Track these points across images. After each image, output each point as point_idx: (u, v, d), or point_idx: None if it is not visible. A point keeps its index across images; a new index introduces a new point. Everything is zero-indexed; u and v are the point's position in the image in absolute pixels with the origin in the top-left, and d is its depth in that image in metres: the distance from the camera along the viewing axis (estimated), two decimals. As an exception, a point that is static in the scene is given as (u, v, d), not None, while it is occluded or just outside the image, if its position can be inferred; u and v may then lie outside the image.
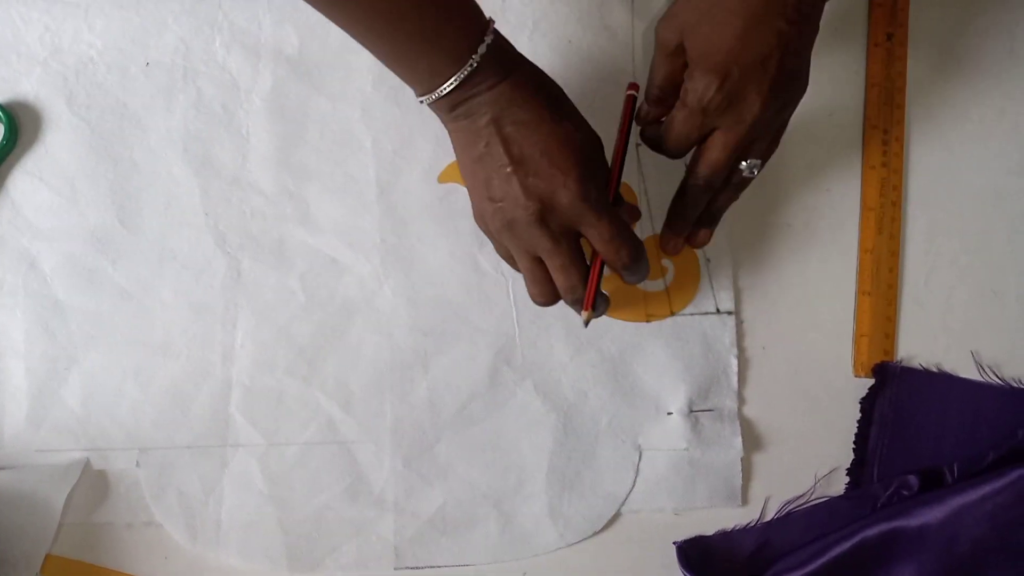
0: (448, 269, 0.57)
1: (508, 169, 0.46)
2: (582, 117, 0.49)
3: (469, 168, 0.48)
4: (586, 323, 0.49)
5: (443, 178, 0.57)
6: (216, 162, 0.57)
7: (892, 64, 0.58)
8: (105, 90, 0.57)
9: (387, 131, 0.57)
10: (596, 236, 0.47)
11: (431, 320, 0.56)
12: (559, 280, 0.49)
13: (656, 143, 0.51)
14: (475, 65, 0.45)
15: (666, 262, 0.57)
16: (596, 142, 0.49)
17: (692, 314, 0.57)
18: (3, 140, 0.56)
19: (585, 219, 0.47)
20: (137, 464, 0.55)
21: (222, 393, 0.56)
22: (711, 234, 0.54)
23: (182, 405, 0.55)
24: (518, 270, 0.51)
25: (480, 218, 0.50)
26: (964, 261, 0.58)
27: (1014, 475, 0.51)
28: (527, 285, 0.50)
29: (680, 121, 0.48)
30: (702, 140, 0.49)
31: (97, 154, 0.57)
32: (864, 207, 0.58)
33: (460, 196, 0.57)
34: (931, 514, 0.52)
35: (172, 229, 0.57)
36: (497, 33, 0.46)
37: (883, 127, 0.58)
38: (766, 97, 0.46)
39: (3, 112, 0.56)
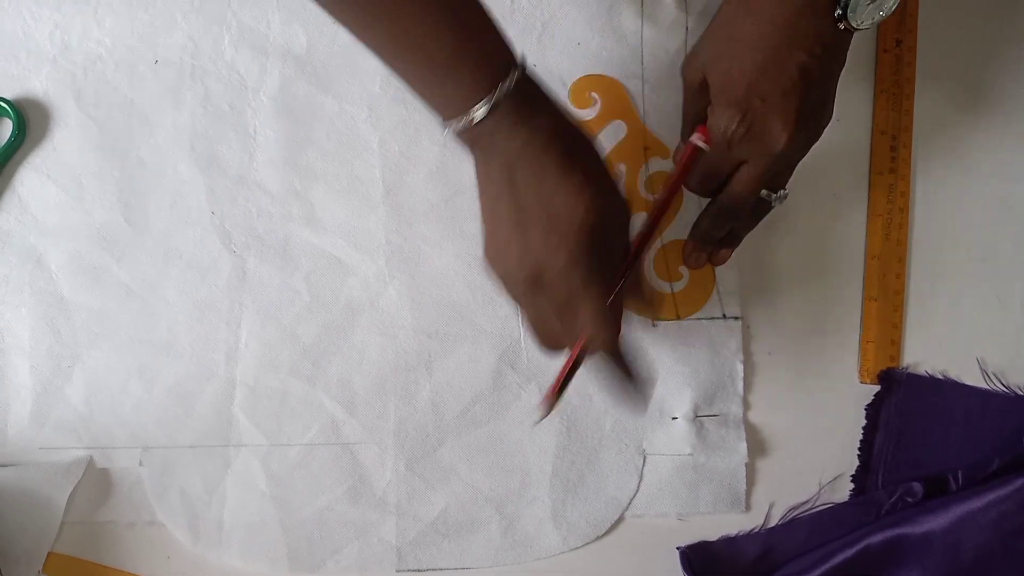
0: (453, 271, 0.57)
1: (513, 219, 0.43)
2: (605, 175, 0.44)
3: (484, 203, 0.46)
4: (540, 419, 0.46)
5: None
6: (223, 161, 0.57)
7: (901, 70, 0.58)
8: (113, 88, 0.57)
9: (394, 132, 0.57)
10: (579, 312, 0.43)
11: (436, 322, 0.56)
12: (538, 337, 0.46)
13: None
14: (492, 104, 0.42)
15: (681, 268, 0.57)
16: (613, 206, 0.44)
17: (699, 319, 0.56)
18: (12, 137, 0.56)
19: (571, 292, 0.43)
20: (140, 463, 0.55)
21: (226, 393, 0.55)
22: (731, 253, 0.54)
23: (185, 404, 0.55)
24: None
25: (485, 255, 0.46)
26: (970, 268, 0.58)
27: (1019, 482, 0.51)
28: (530, 333, 0.47)
29: (706, 157, 0.47)
30: (731, 174, 0.48)
31: (104, 152, 0.57)
32: (871, 213, 0.58)
33: (466, 198, 0.57)
34: (935, 521, 0.52)
35: (178, 228, 0.57)
36: (523, 74, 0.43)
37: (891, 133, 0.58)
38: (792, 130, 0.45)
39: (12, 109, 0.56)
